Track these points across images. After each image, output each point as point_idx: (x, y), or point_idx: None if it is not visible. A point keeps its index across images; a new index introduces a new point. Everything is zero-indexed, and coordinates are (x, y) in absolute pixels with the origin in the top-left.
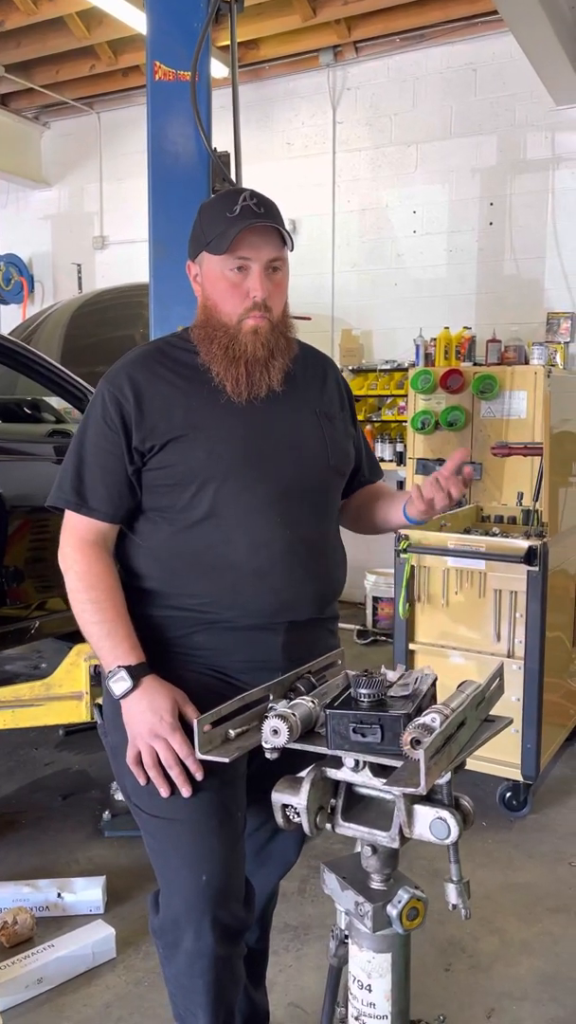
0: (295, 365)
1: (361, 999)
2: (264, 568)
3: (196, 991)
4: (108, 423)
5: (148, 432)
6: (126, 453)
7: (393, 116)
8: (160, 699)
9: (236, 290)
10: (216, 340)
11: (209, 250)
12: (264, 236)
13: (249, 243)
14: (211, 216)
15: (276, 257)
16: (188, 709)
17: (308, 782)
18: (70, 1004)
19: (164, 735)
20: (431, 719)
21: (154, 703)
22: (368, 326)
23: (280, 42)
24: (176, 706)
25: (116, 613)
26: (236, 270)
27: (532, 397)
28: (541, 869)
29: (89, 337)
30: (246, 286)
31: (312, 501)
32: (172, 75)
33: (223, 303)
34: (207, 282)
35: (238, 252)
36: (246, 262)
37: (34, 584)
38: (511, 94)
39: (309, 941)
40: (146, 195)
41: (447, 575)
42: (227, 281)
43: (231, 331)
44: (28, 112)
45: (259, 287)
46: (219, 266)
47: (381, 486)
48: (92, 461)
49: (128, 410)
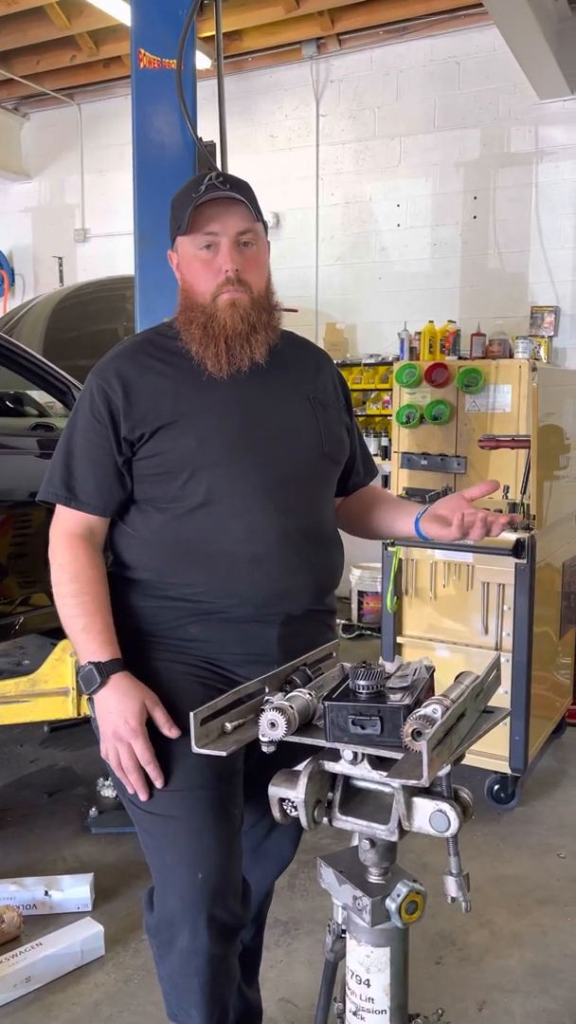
0: (287, 349)
1: (359, 994)
2: (259, 556)
3: (191, 989)
4: (96, 416)
5: (137, 421)
6: (114, 445)
7: (376, 109)
8: (127, 700)
9: (208, 267)
10: (195, 321)
11: (180, 232)
12: (230, 209)
13: (214, 217)
14: (180, 200)
15: (245, 230)
16: (157, 712)
17: (306, 775)
18: (59, 1003)
19: (127, 739)
20: (432, 710)
21: (120, 704)
22: (352, 320)
23: (263, 34)
24: (143, 708)
25: (96, 607)
26: (206, 248)
27: (517, 391)
28: (530, 861)
29: (71, 331)
30: (217, 262)
31: (307, 488)
32: (157, 63)
33: (197, 282)
34: (183, 265)
35: (204, 228)
36: (215, 238)
37: (17, 579)
38: (494, 87)
39: (299, 936)
40: (128, 188)
41: (435, 568)
42: (199, 260)
43: (208, 309)
44: (8, 103)
45: (229, 260)
46: (190, 246)
47: (380, 490)
48: (81, 455)
49: (116, 402)
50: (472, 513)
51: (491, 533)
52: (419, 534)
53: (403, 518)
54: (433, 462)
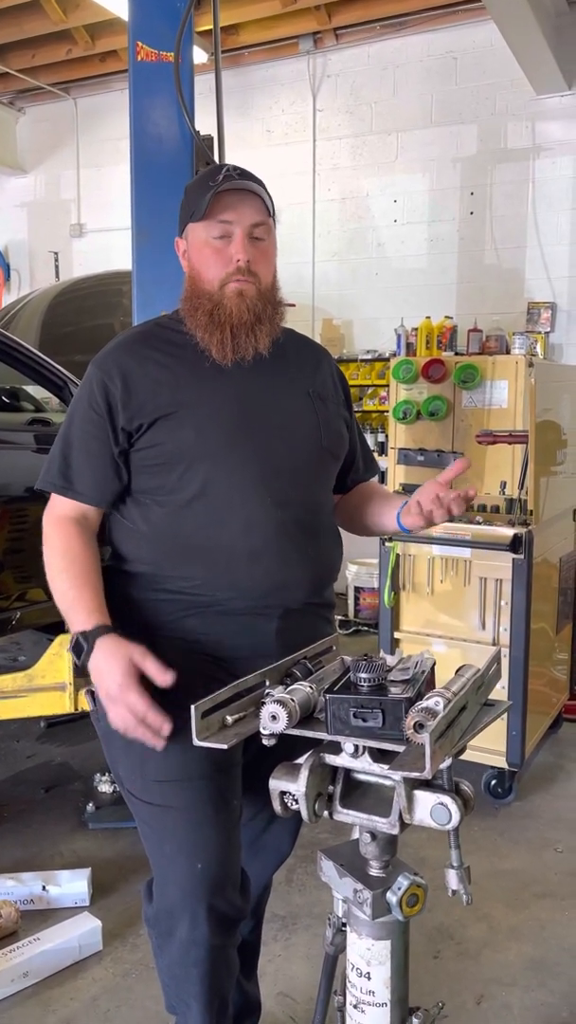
0: (288, 344)
1: (360, 987)
2: (257, 549)
3: (190, 980)
4: (94, 407)
5: (135, 411)
6: (111, 436)
7: (373, 104)
8: (112, 660)
9: (219, 256)
10: (201, 308)
11: (193, 219)
12: (246, 200)
13: (230, 207)
14: (195, 189)
15: (259, 222)
16: (148, 664)
17: (307, 768)
18: (57, 998)
19: (119, 697)
20: (434, 703)
21: (106, 664)
22: (349, 316)
23: (260, 28)
24: (129, 664)
25: (84, 579)
26: (219, 237)
27: (513, 387)
28: (527, 855)
29: (67, 326)
30: (229, 251)
31: (305, 482)
32: (155, 56)
33: (206, 269)
34: (192, 252)
35: (220, 216)
36: (228, 227)
37: (13, 575)
38: (492, 83)
39: (297, 931)
40: (124, 183)
41: (432, 563)
42: (211, 248)
43: (214, 297)
44: (3, 97)
45: (242, 250)
46: (203, 233)
47: (375, 486)
48: (78, 445)
49: (114, 393)
50: (432, 497)
51: (452, 512)
52: (400, 527)
53: (388, 512)
54: (430, 458)
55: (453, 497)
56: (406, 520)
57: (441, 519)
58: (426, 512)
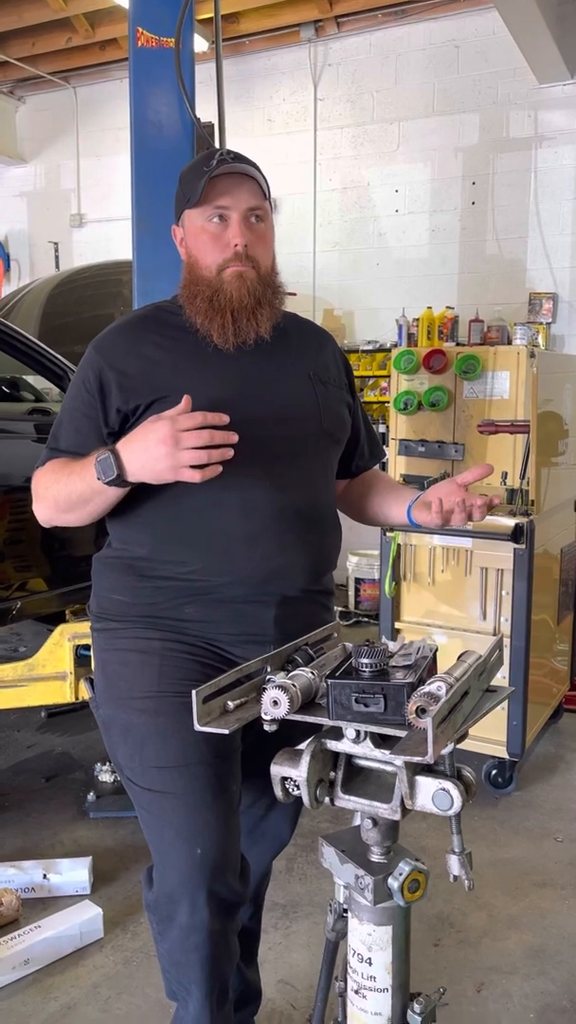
0: (290, 328)
1: (361, 972)
2: (255, 533)
3: (190, 966)
4: (86, 387)
5: (132, 393)
6: (102, 416)
7: (375, 93)
8: (141, 430)
9: (217, 241)
10: (200, 294)
11: (189, 205)
12: (242, 185)
13: (226, 190)
14: (190, 174)
15: (256, 206)
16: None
17: (308, 754)
18: (58, 985)
19: (175, 427)
20: (436, 687)
21: (143, 434)
22: (350, 306)
23: (261, 16)
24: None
25: (73, 465)
26: (216, 220)
27: (515, 377)
28: (527, 845)
29: (67, 316)
30: (227, 236)
31: (304, 466)
32: (155, 41)
33: (204, 255)
34: (189, 238)
35: (216, 201)
36: (225, 211)
37: (14, 565)
38: (494, 72)
39: (297, 919)
40: (124, 172)
41: (433, 553)
42: (207, 233)
43: (213, 282)
44: (3, 86)
45: (239, 235)
46: (199, 218)
47: (383, 475)
48: (69, 424)
49: (109, 374)
50: (454, 499)
51: (473, 518)
52: (411, 522)
53: (398, 505)
54: (431, 449)
55: (479, 504)
56: (419, 516)
57: (460, 523)
58: (445, 512)
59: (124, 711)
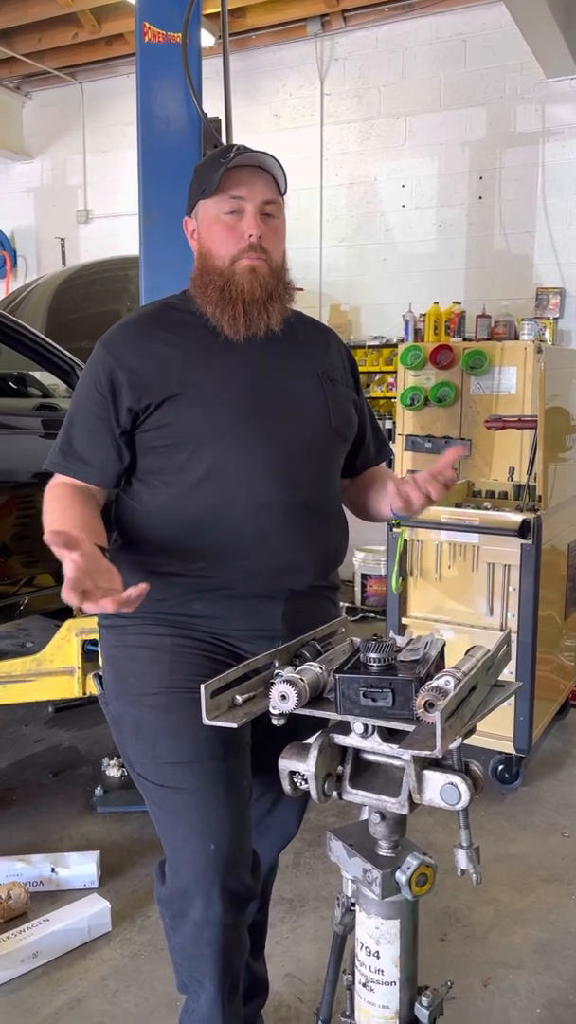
0: (298, 326)
1: (369, 966)
2: (265, 530)
3: (204, 960)
4: (97, 387)
5: (143, 391)
6: (114, 416)
7: (382, 88)
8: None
9: (231, 232)
10: (211, 284)
11: (204, 195)
12: (258, 176)
13: (243, 182)
14: (205, 167)
15: (271, 200)
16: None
17: (316, 748)
18: (66, 978)
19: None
20: (444, 681)
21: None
22: (357, 302)
23: (267, 10)
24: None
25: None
26: (231, 213)
27: (522, 373)
28: (534, 840)
29: (74, 312)
30: (241, 227)
31: (313, 463)
32: (162, 36)
33: (218, 246)
34: (202, 229)
35: (231, 191)
36: (240, 202)
37: (21, 560)
38: (501, 66)
39: (304, 913)
40: (131, 168)
41: (440, 549)
42: (222, 223)
43: (225, 273)
44: (9, 82)
45: (254, 226)
46: (214, 209)
47: (382, 471)
48: (81, 424)
49: (119, 374)
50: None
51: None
52: (392, 512)
53: (385, 499)
54: (437, 445)
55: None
56: (394, 505)
57: (420, 503)
58: (403, 494)
59: (135, 707)
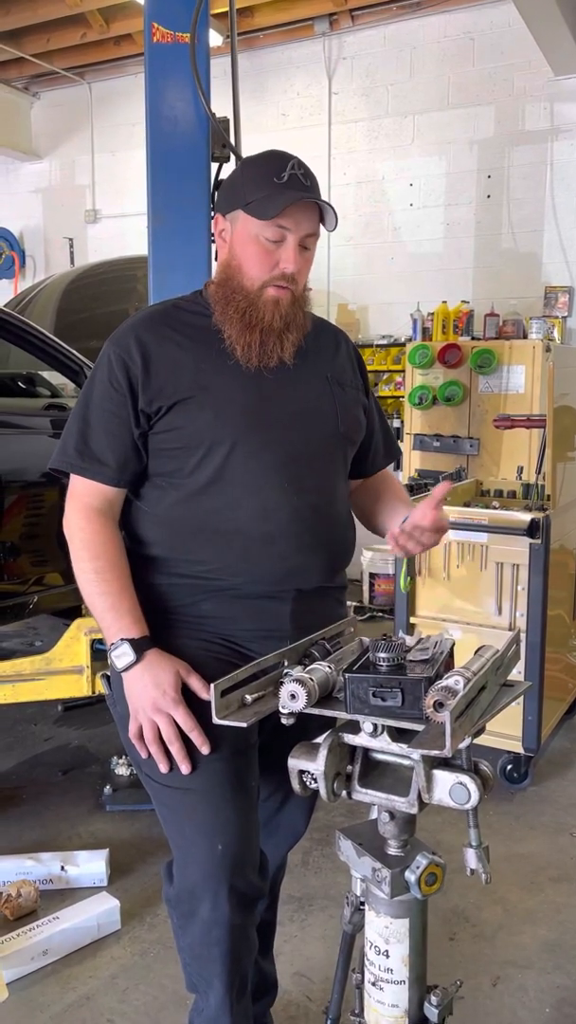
0: (307, 338)
1: (378, 964)
2: (272, 534)
3: (212, 960)
4: (114, 385)
5: (155, 394)
6: (132, 416)
7: (389, 86)
8: (163, 672)
9: (267, 257)
10: (233, 303)
11: (248, 211)
12: (307, 211)
13: (292, 215)
14: (256, 176)
15: (313, 233)
16: (193, 679)
17: (326, 748)
18: (76, 975)
19: (167, 709)
20: (454, 681)
21: (157, 677)
22: (364, 301)
23: (275, 10)
24: (179, 679)
25: (120, 585)
26: (271, 240)
27: (530, 371)
28: (543, 840)
29: (82, 311)
30: (278, 255)
31: (321, 467)
32: (171, 37)
33: (250, 267)
34: (237, 241)
35: (279, 222)
36: (284, 232)
37: (31, 559)
38: (509, 64)
39: (313, 912)
40: (139, 167)
41: (448, 548)
42: (260, 246)
43: (251, 296)
44: (18, 82)
45: (292, 261)
46: (256, 229)
47: (390, 484)
48: (97, 424)
49: (135, 372)
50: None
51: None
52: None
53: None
54: (446, 444)
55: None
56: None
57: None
58: (401, 546)
59: None
